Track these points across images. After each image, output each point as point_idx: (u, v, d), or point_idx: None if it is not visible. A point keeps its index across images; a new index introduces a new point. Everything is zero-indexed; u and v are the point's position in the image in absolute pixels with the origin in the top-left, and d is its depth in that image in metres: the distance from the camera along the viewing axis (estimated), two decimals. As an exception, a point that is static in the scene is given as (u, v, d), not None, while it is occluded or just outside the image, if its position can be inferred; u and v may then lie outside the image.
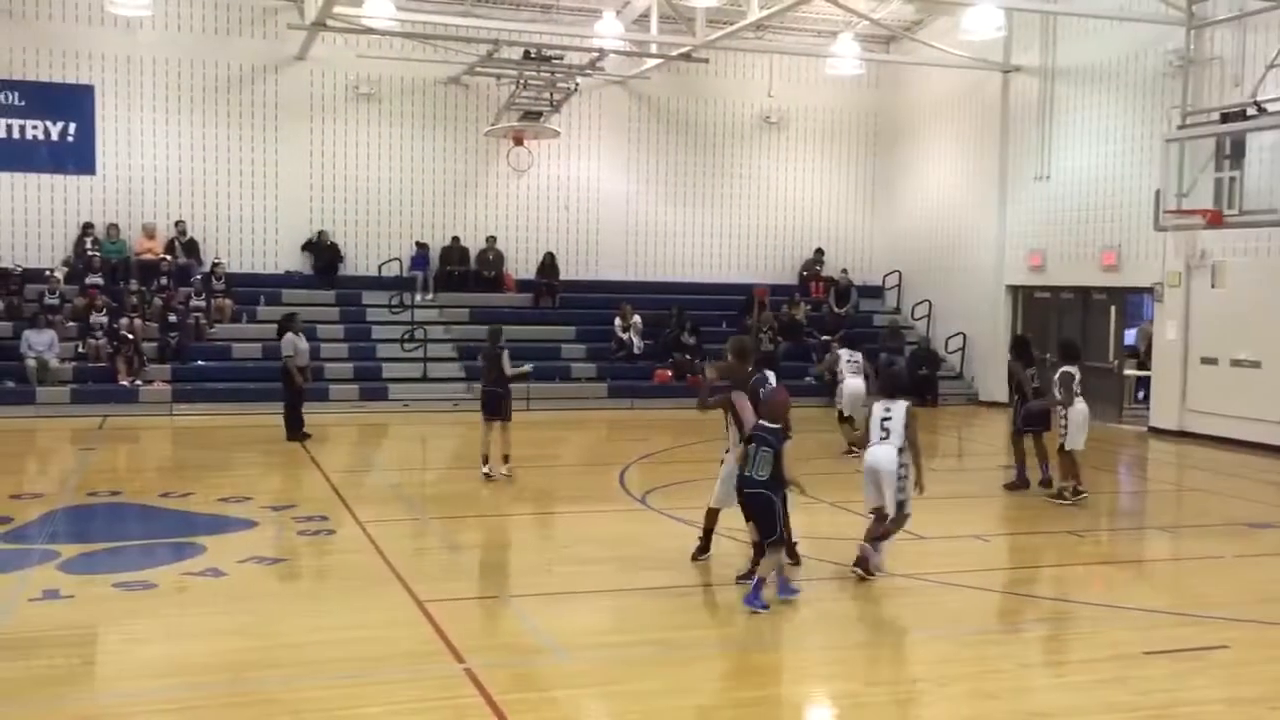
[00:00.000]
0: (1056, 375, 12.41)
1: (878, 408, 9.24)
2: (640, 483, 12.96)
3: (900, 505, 9.04)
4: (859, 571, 9.01)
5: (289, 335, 16.35)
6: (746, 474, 8.36)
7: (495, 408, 13.40)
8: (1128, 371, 21.29)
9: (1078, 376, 12.41)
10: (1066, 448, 12.38)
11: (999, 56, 22.34)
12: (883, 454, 8.97)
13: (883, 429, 9.00)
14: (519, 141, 22.78)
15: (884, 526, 9.11)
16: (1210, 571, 10.02)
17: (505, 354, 13.66)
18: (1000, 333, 22.72)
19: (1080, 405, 12.36)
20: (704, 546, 9.57)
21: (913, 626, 8.31)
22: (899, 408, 9.04)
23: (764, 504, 8.31)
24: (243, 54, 22.45)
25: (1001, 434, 16.40)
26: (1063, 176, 21.30)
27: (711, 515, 9.52)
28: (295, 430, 16.33)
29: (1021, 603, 9.01)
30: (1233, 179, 16.63)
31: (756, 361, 9.98)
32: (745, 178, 25.72)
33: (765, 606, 8.08)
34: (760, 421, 8.50)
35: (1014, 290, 22.86)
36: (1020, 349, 13.52)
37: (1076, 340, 14.61)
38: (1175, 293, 18.87)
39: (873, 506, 9.15)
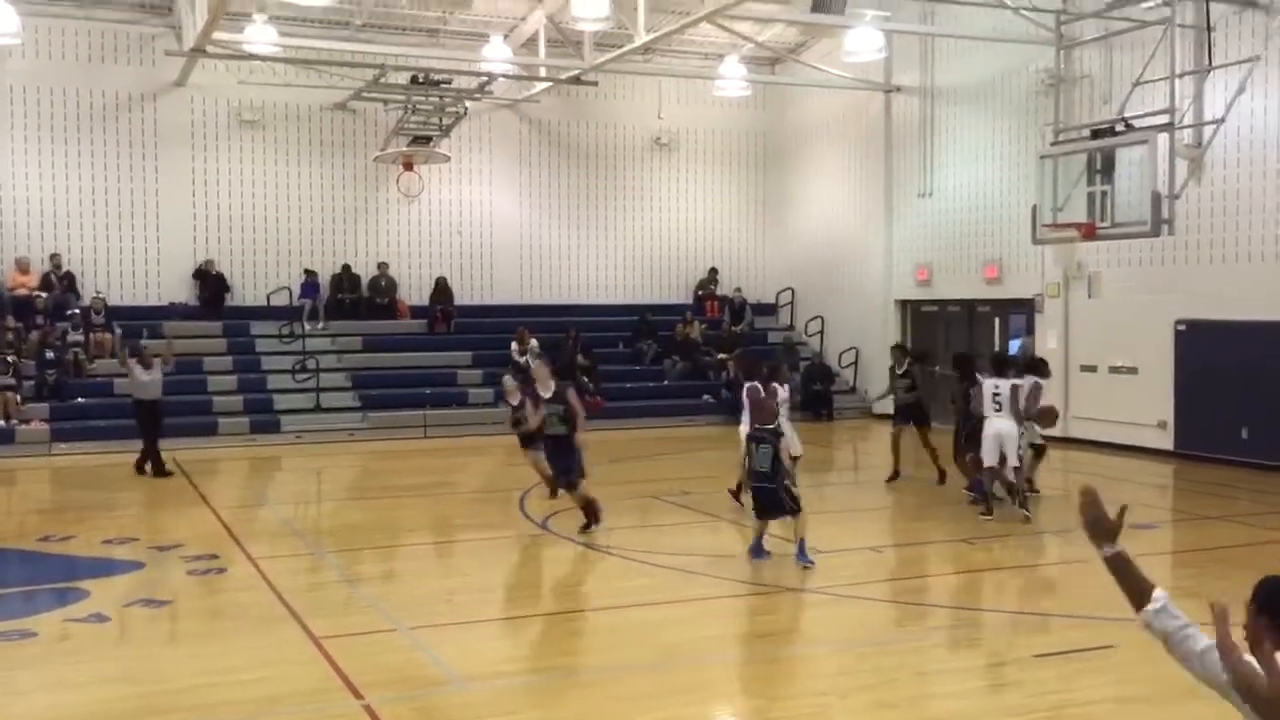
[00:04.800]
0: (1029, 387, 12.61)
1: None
2: (542, 508, 12.88)
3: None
4: None
5: (129, 364, 16.01)
6: (756, 469, 10.01)
7: None
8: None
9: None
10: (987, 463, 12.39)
11: (880, 77, 22.90)
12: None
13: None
14: (409, 167, 22.56)
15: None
16: (1097, 574, 10.29)
17: None
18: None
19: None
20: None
21: (813, 639, 8.40)
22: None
23: (770, 495, 9.97)
24: (119, 81, 21.83)
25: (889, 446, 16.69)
26: (945, 193, 21.89)
27: None
28: (140, 465, 15.96)
29: (917, 612, 9.18)
30: (1104, 193, 17.25)
31: (764, 376, 12.45)
32: (637, 199, 25.88)
33: (812, 561, 9.85)
34: (755, 425, 10.40)
35: (903, 304, 23.38)
36: (962, 367, 13.77)
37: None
38: (1055, 303, 19.52)
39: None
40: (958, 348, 22.01)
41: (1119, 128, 16.10)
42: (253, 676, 7.25)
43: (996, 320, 21.54)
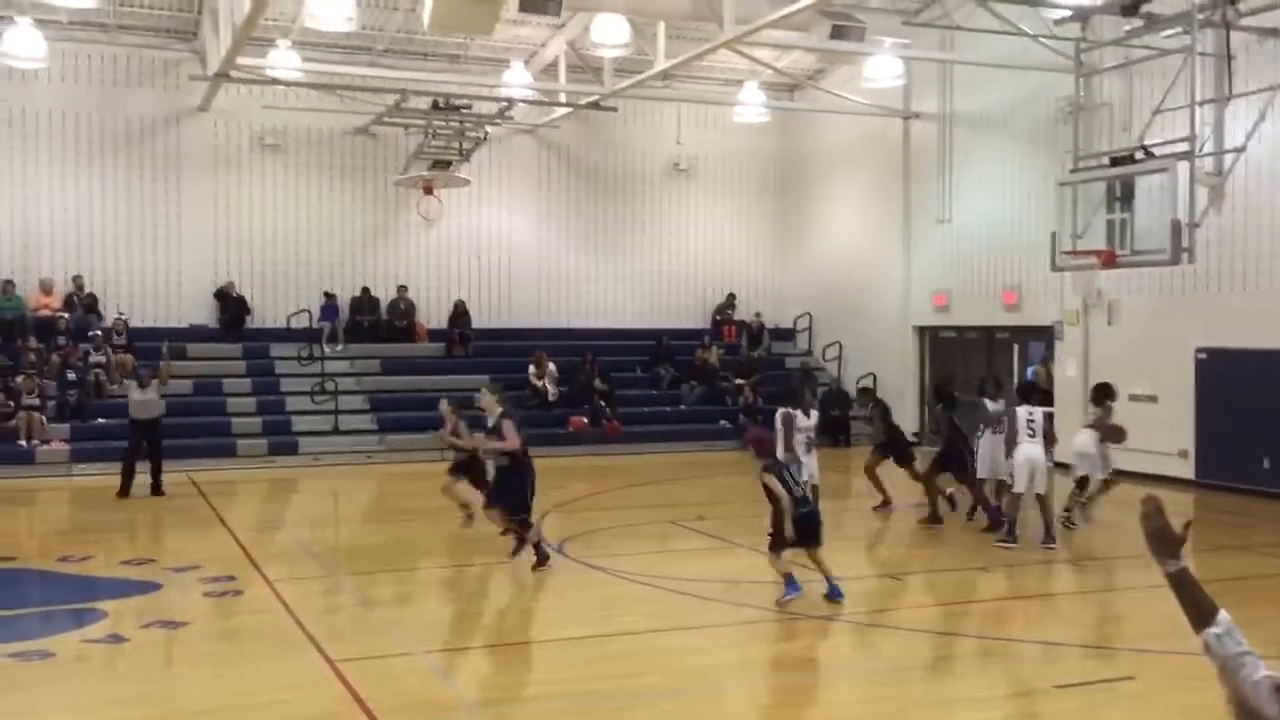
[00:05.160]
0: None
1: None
2: (557, 531, 12.86)
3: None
4: None
5: (125, 383, 16.21)
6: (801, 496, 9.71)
7: None
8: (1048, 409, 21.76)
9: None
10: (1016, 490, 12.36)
11: (899, 103, 22.94)
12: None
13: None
14: (429, 191, 22.67)
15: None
16: (1116, 604, 10.25)
17: None
18: (909, 372, 23.16)
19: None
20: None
21: (831, 667, 8.34)
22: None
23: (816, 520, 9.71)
24: (143, 105, 22.06)
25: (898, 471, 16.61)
26: (964, 219, 21.87)
27: None
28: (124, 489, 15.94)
29: (936, 640, 9.11)
30: (1124, 220, 17.19)
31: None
32: (656, 224, 25.94)
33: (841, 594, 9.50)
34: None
35: (921, 331, 23.33)
36: (943, 394, 13.97)
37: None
38: (1074, 331, 19.44)
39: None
40: (976, 374, 21.89)
41: (1139, 155, 16.04)
42: (269, 699, 7.24)
43: (1015, 347, 21.46)
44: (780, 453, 11.92)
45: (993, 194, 21.14)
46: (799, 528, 9.46)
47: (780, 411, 12.80)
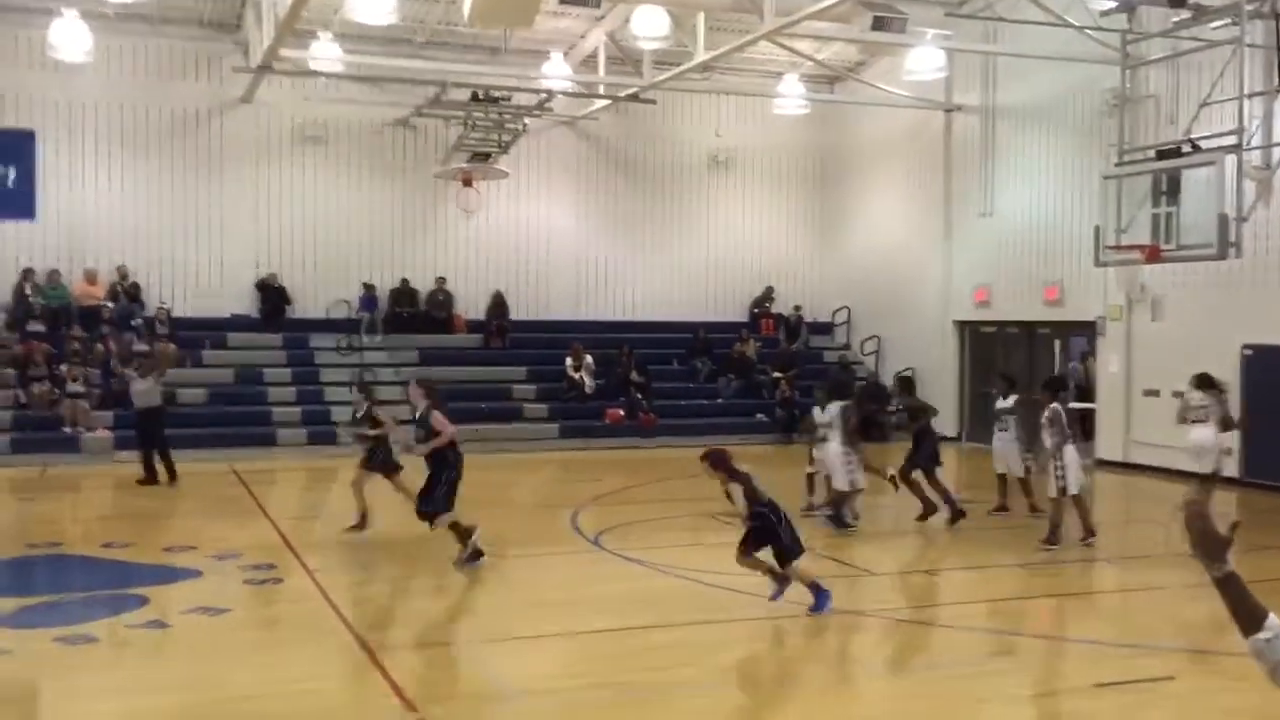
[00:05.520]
0: (1048, 413, 11.99)
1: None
2: (593, 524, 12.89)
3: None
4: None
5: (125, 372, 16.39)
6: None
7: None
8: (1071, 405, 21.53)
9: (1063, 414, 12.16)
10: (1071, 491, 11.87)
11: (941, 96, 22.73)
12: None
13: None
14: (468, 183, 22.76)
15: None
16: (1158, 602, 10.13)
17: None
18: (949, 368, 22.98)
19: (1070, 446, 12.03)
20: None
21: (868, 663, 8.30)
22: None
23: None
24: (187, 97, 22.29)
25: (949, 468, 16.46)
26: (1006, 213, 21.65)
27: None
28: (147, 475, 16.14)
29: (974, 637, 9.04)
30: (1169, 214, 16.96)
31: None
32: (694, 216, 25.89)
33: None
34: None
35: (961, 325, 23.14)
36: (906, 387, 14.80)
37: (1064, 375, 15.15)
38: (1117, 326, 19.20)
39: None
40: (1017, 370, 21.76)
41: (1185, 149, 15.83)
42: (308, 688, 7.31)
43: (1056, 343, 21.25)
44: (840, 446, 12.43)
45: (1035, 187, 20.91)
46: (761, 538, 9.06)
47: (840, 406, 12.85)
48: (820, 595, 8.95)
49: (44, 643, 8.25)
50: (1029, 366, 21.50)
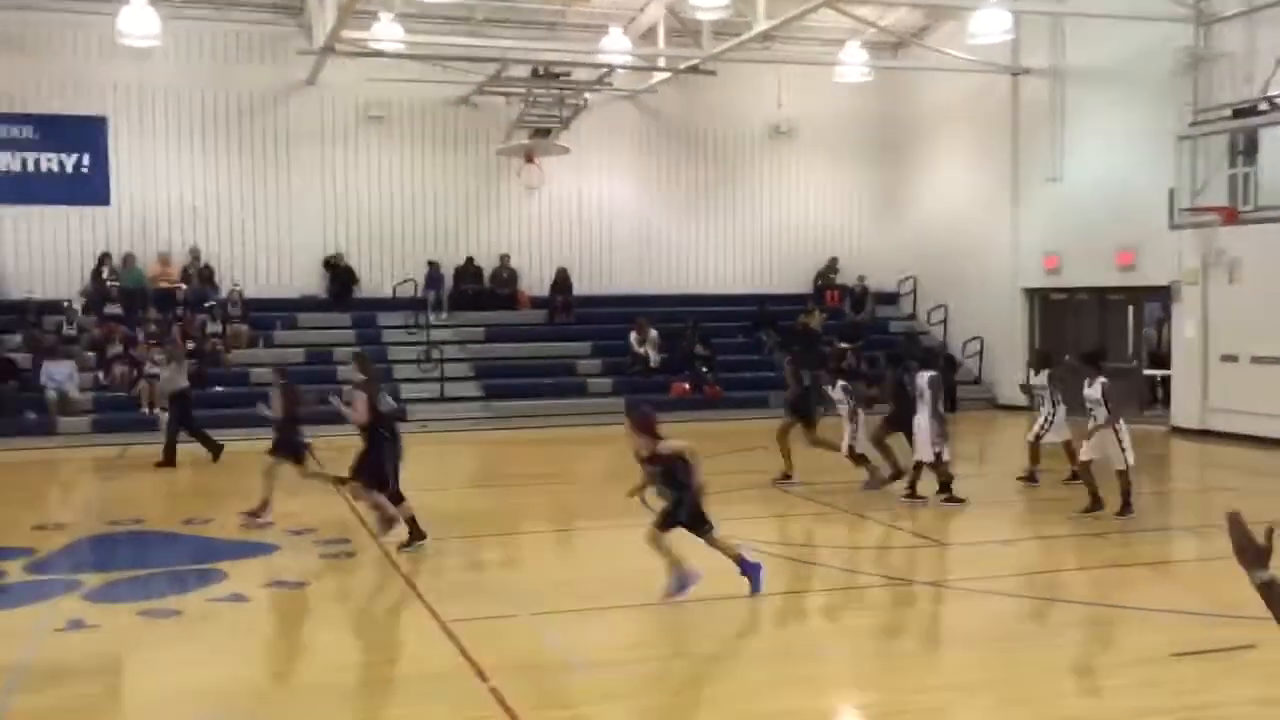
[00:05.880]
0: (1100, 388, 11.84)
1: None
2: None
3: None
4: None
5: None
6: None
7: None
8: (1147, 371, 21.16)
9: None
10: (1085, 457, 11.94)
11: (1007, 59, 22.31)
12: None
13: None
14: (530, 159, 22.84)
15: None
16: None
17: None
18: (1018, 336, 22.66)
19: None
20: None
21: (937, 633, 8.25)
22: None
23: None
24: (254, 81, 22.60)
25: (1019, 439, 16.23)
26: (1075, 177, 21.23)
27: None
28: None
29: (1047, 607, 8.94)
30: (1247, 175, 16.55)
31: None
32: (756, 188, 25.73)
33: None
34: None
35: (1030, 293, 22.78)
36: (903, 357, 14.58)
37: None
38: (1193, 291, 18.77)
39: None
40: (1088, 337, 21.40)
41: (1263, 106, 15.41)
42: (383, 657, 7.45)
43: (1130, 309, 20.83)
44: (928, 417, 12.15)
45: (1107, 151, 20.46)
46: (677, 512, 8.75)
47: (927, 375, 12.58)
48: (684, 576, 8.55)
49: (128, 617, 8.48)
50: (1101, 333, 21.15)
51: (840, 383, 13.94)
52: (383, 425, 10.92)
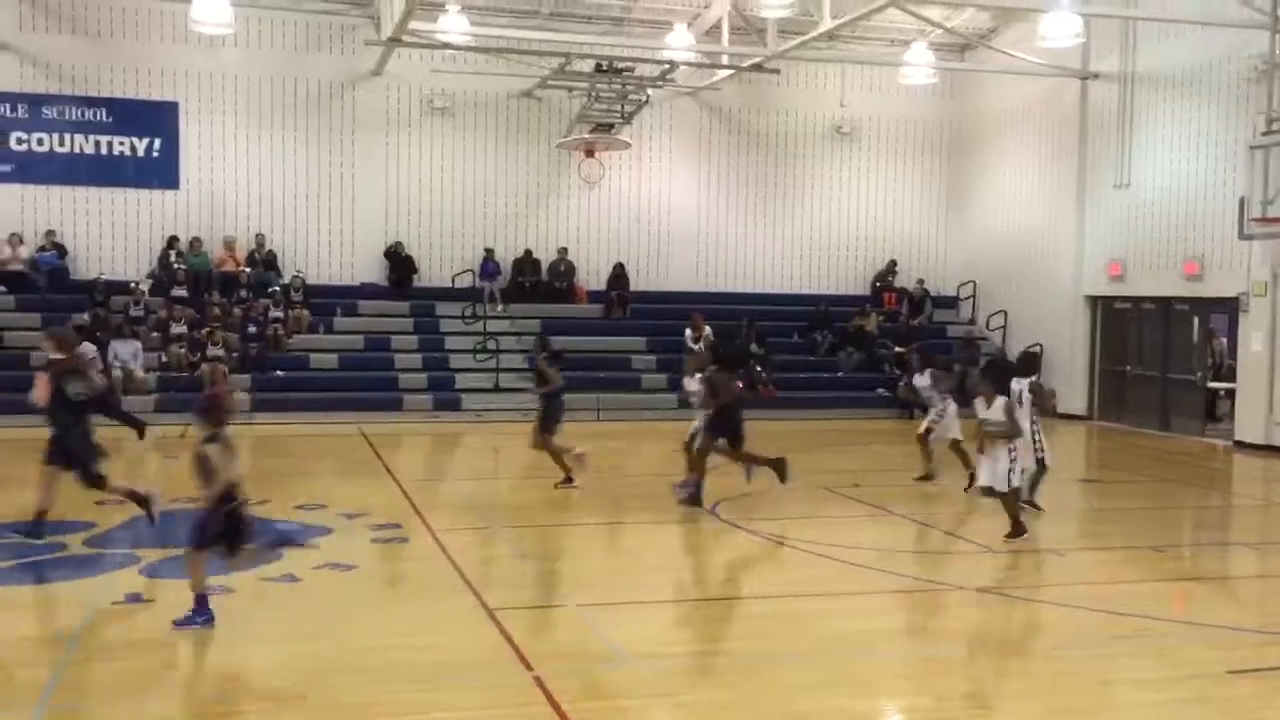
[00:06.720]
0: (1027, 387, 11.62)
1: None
2: (710, 494, 12.91)
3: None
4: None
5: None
6: None
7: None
8: (1210, 384, 20.73)
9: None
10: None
11: (1076, 63, 21.97)
12: None
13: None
14: (590, 154, 22.91)
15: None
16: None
17: None
18: (1079, 344, 22.34)
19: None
20: None
21: (984, 641, 8.17)
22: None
23: None
24: (321, 70, 22.89)
25: (1079, 447, 16.08)
26: (1143, 184, 20.87)
27: None
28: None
29: (1100, 618, 8.80)
30: (1321, 186, 16.16)
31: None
32: (816, 188, 25.60)
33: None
34: None
35: (1093, 300, 22.44)
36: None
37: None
38: (1262, 302, 18.37)
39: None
40: (1152, 347, 21.07)
41: (1340, 116, 15.04)
42: (429, 642, 7.52)
43: (1195, 319, 20.44)
44: (1027, 425, 11.29)
45: (1176, 158, 20.09)
46: (226, 523, 7.74)
47: (1027, 382, 11.90)
48: (200, 609, 7.75)
49: (185, 593, 8.61)
50: (1164, 343, 20.79)
51: (929, 370, 13.84)
52: (64, 407, 10.00)
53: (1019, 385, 12.01)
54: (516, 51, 21.95)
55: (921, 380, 13.97)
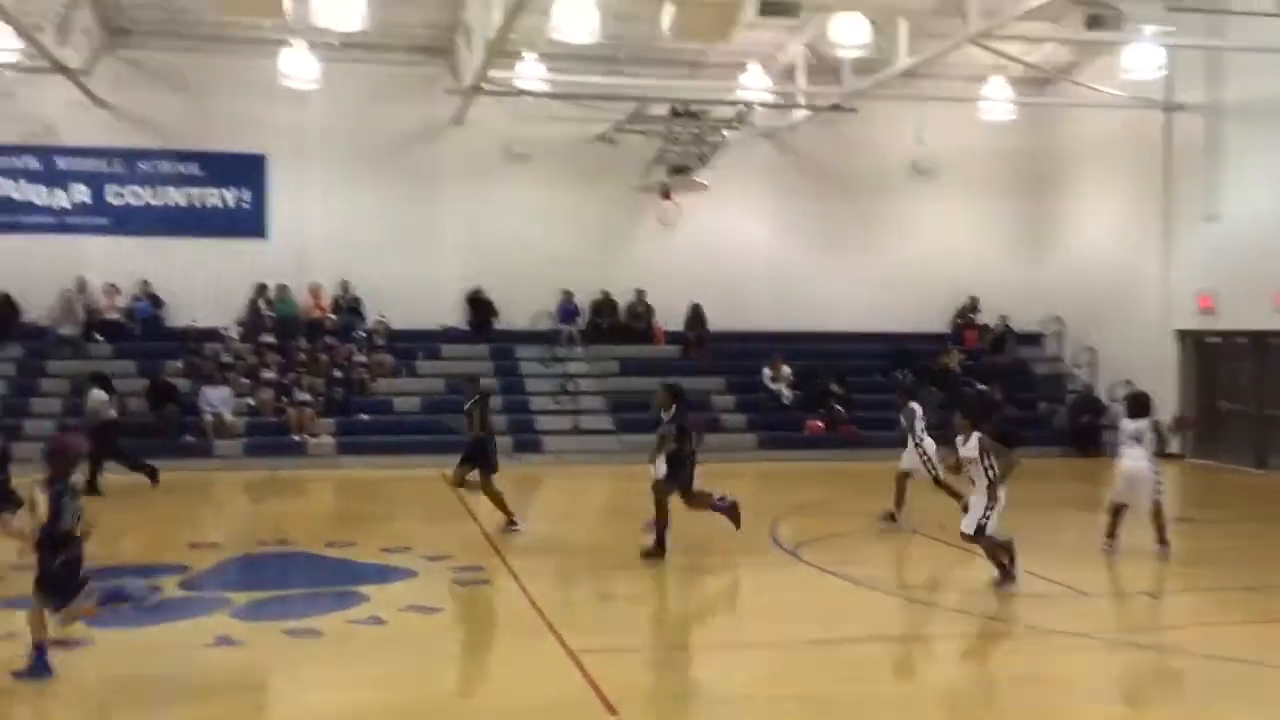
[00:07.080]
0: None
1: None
2: (792, 535, 12.83)
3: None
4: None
5: (94, 391, 16.69)
6: None
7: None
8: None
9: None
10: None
11: (1160, 95, 21.61)
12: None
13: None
14: (667, 196, 23.05)
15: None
16: None
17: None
18: (1170, 380, 21.78)
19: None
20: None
21: (1072, 686, 7.97)
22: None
23: None
24: (404, 120, 23.40)
25: (1172, 484, 15.57)
26: (1234, 216, 20.38)
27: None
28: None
29: (1193, 662, 8.55)
30: None
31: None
32: (895, 226, 25.42)
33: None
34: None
35: (1182, 335, 21.92)
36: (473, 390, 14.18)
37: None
38: (1361, 336, 17.80)
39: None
40: (1246, 381, 20.49)
41: None
42: (512, 685, 7.56)
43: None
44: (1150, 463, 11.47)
45: (1268, 188, 19.60)
46: (51, 574, 7.41)
47: (1149, 420, 12.19)
48: (39, 661, 7.46)
49: (274, 635, 8.81)
50: (1259, 377, 20.21)
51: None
52: None
53: (1135, 425, 11.75)
54: (592, 97, 22.23)
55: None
